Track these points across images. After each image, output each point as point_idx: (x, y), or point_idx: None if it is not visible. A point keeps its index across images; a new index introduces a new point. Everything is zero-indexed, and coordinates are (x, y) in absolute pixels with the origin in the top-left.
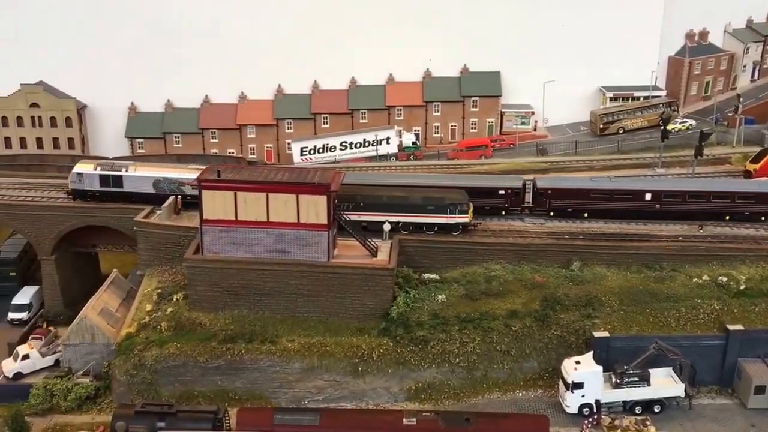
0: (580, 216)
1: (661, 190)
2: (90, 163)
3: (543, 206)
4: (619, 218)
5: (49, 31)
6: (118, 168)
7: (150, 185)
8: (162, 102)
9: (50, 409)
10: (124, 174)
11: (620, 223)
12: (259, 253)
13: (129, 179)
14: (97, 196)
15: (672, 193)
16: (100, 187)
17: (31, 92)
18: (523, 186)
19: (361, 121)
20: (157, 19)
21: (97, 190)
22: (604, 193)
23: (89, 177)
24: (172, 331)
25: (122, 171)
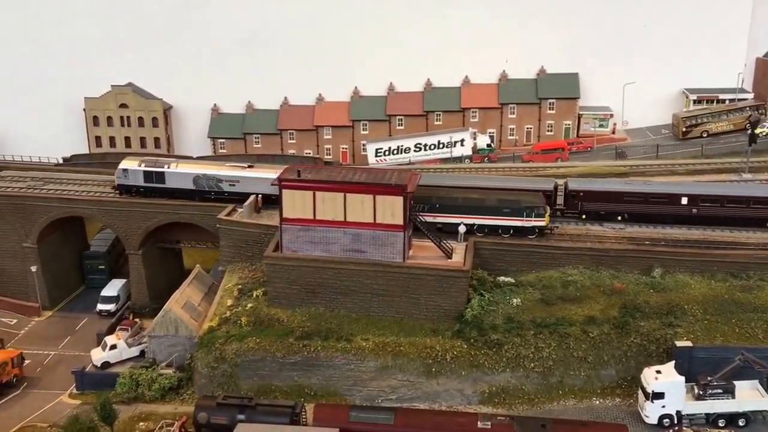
0: (613, 219)
1: (698, 194)
2: (135, 160)
3: (575, 208)
4: (654, 222)
5: (138, 35)
6: (161, 165)
7: (190, 181)
8: (243, 103)
9: (135, 398)
10: (166, 170)
11: (704, 230)
12: (336, 252)
13: (171, 175)
14: (141, 191)
15: (710, 197)
16: (144, 182)
17: (121, 93)
18: (555, 188)
19: (435, 122)
20: (240, 23)
21: (141, 185)
22: (638, 196)
23: (134, 173)
24: (251, 326)
25: (164, 167)
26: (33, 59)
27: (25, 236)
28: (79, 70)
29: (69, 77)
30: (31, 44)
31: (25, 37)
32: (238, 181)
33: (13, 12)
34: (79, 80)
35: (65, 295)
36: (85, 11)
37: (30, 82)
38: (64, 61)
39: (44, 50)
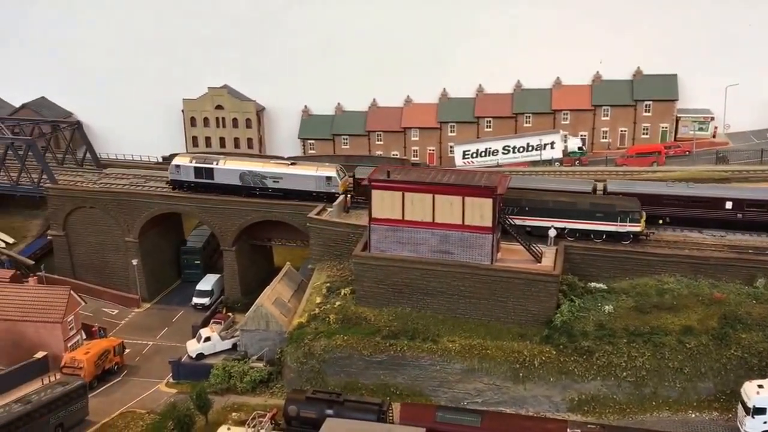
0: (654, 222)
1: (744, 198)
2: (187, 157)
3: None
4: (697, 227)
5: (234, 38)
6: (210, 161)
7: (237, 177)
8: (333, 105)
9: (228, 389)
10: (215, 167)
11: None
12: (424, 252)
13: (219, 172)
14: (192, 186)
15: (756, 202)
16: (195, 178)
17: (217, 95)
18: (594, 190)
19: (525, 125)
20: (330, 27)
21: (192, 181)
22: (679, 200)
23: (185, 169)
24: (339, 323)
25: (213, 164)
26: (136, 63)
27: (127, 231)
28: (178, 72)
29: (169, 80)
30: (134, 48)
31: (129, 42)
32: (281, 177)
33: (117, 19)
34: (178, 82)
35: (162, 288)
36: (183, 17)
37: (133, 84)
38: (164, 65)
39: (146, 54)
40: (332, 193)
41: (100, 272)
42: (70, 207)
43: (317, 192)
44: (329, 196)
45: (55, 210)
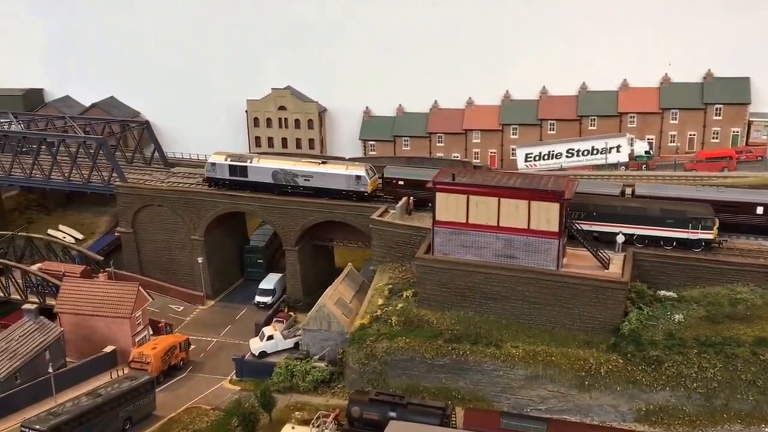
0: None
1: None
2: (222, 155)
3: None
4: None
5: (297, 40)
6: (244, 159)
7: (269, 175)
8: (394, 107)
9: (290, 388)
10: (249, 165)
11: None
12: (488, 257)
13: (252, 170)
14: (227, 184)
15: None
16: (229, 176)
17: (280, 96)
18: (622, 193)
19: (589, 128)
20: (392, 28)
21: (227, 178)
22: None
23: (221, 167)
24: (401, 326)
25: (247, 162)
26: (202, 64)
27: (193, 229)
28: (243, 73)
29: (234, 81)
30: (201, 50)
31: (196, 43)
32: (312, 176)
33: (184, 20)
34: (242, 83)
35: (226, 286)
36: (249, 19)
37: (199, 85)
38: (230, 66)
39: (212, 55)
40: (361, 192)
41: (166, 269)
42: (139, 205)
43: (347, 190)
44: (358, 194)
45: (124, 208)
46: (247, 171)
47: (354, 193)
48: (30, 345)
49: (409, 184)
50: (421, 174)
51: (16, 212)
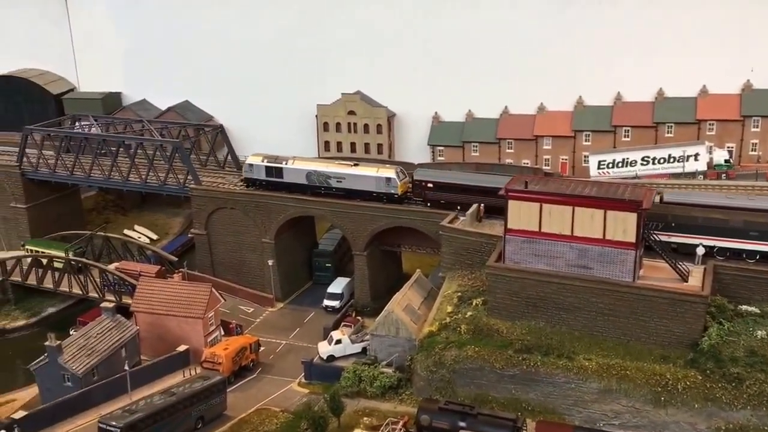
0: None
1: None
2: (259, 156)
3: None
4: None
5: (367, 45)
6: (280, 161)
7: (303, 177)
8: (463, 112)
9: (358, 393)
10: (284, 166)
11: None
12: (561, 266)
13: (287, 171)
14: (263, 184)
15: None
16: (266, 177)
17: (350, 101)
18: None
19: (666, 135)
20: (462, 33)
21: (263, 179)
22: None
23: (258, 168)
24: (470, 334)
25: (282, 164)
26: (274, 68)
27: (264, 232)
28: (313, 78)
29: (305, 85)
30: (273, 56)
31: (268, 49)
32: (344, 177)
33: (256, 25)
34: (313, 88)
35: (295, 289)
36: (320, 24)
37: (271, 89)
38: (301, 70)
39: (284, 60)
40: (391, 194)
41: (237, 271)
42: (212, 207)
43: (377, 192)
44: (389, 196)
45: (199, 210)
46: (282, 172)
47: (384, 195)
48: (107, 342)
49: (438, 187)
50: (452, 177)
51: (94, 212)
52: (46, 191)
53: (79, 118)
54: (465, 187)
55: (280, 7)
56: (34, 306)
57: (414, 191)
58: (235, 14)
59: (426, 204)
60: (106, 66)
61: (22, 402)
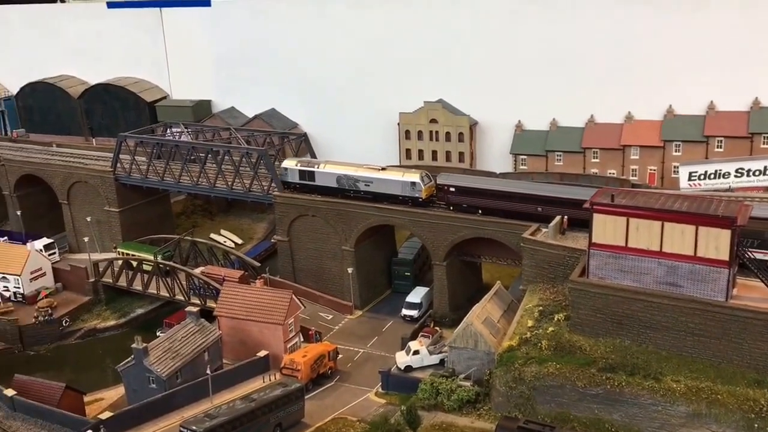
0: None
1: None
2: (294, 160)
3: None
4: None
5: (448, 54)
6: (312, 165)
7: (334, 180)
8: (547, 120)
9: (435, 406)
10: (316, 170)
11: None
12: (648, 283)
13: (319, 174)
14: (297, 187)
15: None
16: (299, 180)
17: (432, 109)
18: None
19: (762, 146)
20: (546, 40)
21: (297, 182)
22: None
23: (292, 172)
24: (551, 350)
25: (314, 167)
26: (357, 76)
27: (344, 240)
28: (396, 87)
29: (387, 94)
30: (356, 64)
31: (350, 58)
32: (372, 181)
33: (341, 38)
34: (395, 96)
35: (374, 297)
36: (404, 32)
37: (353, 97)
38: (384, 78)
39: (367, 68)
40: (416, 198)
41: (317, 278)
42: (295, 215)
43: (402, 196)
44: (413, 200)
45: (282, 217)
46: (314, 176)
47: (409, 198)
48: (191, 346)
49: (459, 191)
50: (471, 181)
51: (183, 216)
52: (138, 196)
53: (170, 125)
54: (483, 191)
55: (364, 18)
56: (124, 307)
57: (438, 195)
58: (320, 24)
59: (449, 207)
60: (197, 75)
61: (109, 401)
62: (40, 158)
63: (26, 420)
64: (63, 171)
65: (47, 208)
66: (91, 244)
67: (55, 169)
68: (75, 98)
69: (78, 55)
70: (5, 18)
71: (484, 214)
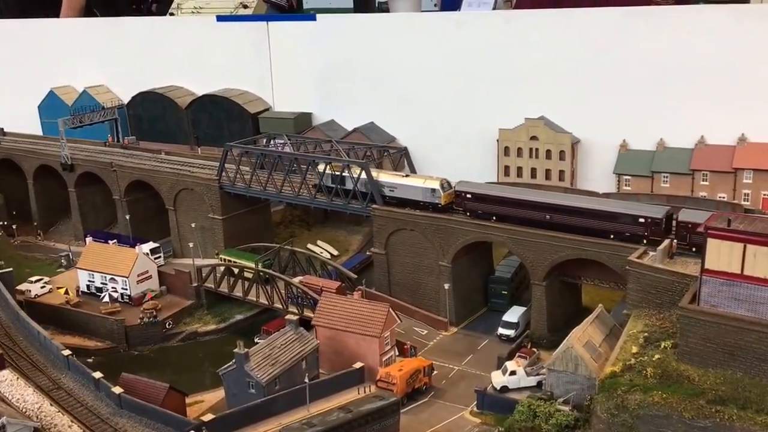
0: None
1: None
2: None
3: (684, 240)
4: None
5: (551, 70)
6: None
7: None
8: (654, 140)
9: (531, 429)
10: (345, 175)
11: None
12: (764, 313)
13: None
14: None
15: None
16: (332, 183)
17: (533, 126)
18: (667, 217)
19: None
20: (654, 58)
21: (329, 185)
22: None
23: (326, 176)
24: (657, 378)
25: (344, 172)
26: (457, 93)
27: (442, 255)
28: (496, 102)
29: (487, 109)
30: (456, 79)
31: (451, 73)
32: (396, 187)
33: (440, 53)
34: (495, 112)
35: (469, 314)
36: (504, 49)
37: (452, 113)
38: (484, 95)
39: (467, 84)
40: (435, 204)
41: (412, 292)
42: (393, 228)
43: (424, 201)
44: (433, 206)
45: (380, 230)
46: (344, 180)
47: (430, 204)
48: (290, 354)
49: (475, 198)
50: (486, 188)
51: (281, 225)
52: (241, 204)
53: (274, 136)
54: (497, 199)
55: (465, 33)
56: (224, 312)
57: (456, 202)
58: (421, 39)
59: (466, 213)
60: (299, 87)
61: (209, 404)
62: (149, 165)
63: (131, 418)
64: (171, 178)
65: (154, 213)
66: (194, 249)
67: (164, 176)
68: (182, 108)
69: (186, 67)
70: (122, 30)
71: (498, 221)
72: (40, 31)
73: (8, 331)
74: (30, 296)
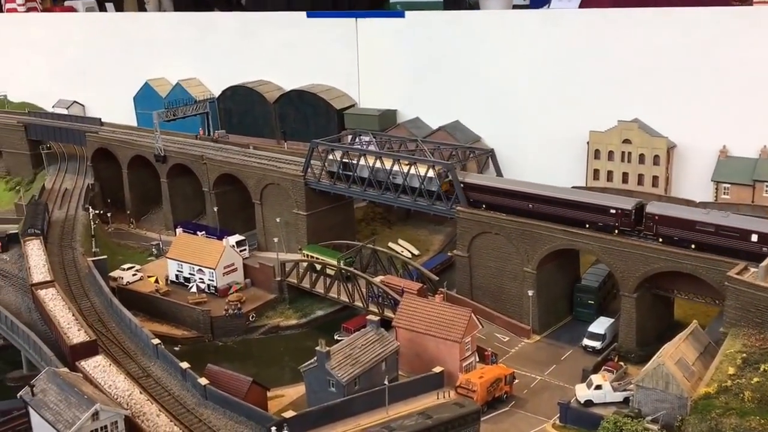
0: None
1: None
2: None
3: (650, 231)
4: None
5: (647, 72)
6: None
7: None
8: (757, 147)
9: None
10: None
11: None
12: None
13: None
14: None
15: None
16: (342, 171)
17: (626, 129)
18: (637, 209)
19: None
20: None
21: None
22: (707, 227)
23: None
24: (755, 403)
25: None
26: (546, 93)
27: (527, 261)
28: (587, 104)
29: (577, 111)
30: (545, 79)
31: (540, 73)
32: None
33: (529, 52)
34: (585, 114)
35: (553, 323)
36: (598, 49)
37: (540, 113)
38: (575, 96)
39: (556, 85)
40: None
41: (495, 297)
42: (477, 231)
43: None
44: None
45: (463, 232)
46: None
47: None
48: (370, 354)
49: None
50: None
51: (363, 223)
52: (325, 201)
53: (359, 133)
54: (499, 191)
55: (557, 32)
56: (305, 307)
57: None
58: (510, 36)
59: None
60: (385, 84)
61: (289, 399)
62: (238, 159)
63: (216, 409)
64: (258, 173)
65: (240, 206)
66: (279, 244)
67: (251, 170)
68: (270, 103)
69: (276, 62)
70: (215, 24)
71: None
72: (137, 24)
73: (102, 317)
74: (122, 283)
